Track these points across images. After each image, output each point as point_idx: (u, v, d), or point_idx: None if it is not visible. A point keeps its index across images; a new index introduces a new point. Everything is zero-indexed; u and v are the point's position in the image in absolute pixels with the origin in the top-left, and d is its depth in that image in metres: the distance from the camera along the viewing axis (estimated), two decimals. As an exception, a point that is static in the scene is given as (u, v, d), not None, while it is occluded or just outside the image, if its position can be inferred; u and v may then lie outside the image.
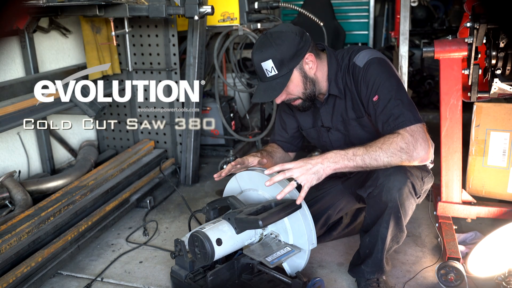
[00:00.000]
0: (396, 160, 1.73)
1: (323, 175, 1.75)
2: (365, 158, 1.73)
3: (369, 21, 5.32)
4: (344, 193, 2.20)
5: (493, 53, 1.94)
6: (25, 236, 2.19)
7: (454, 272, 1.97)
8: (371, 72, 1.86)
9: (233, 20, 3.40)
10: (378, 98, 1.83)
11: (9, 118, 2.47)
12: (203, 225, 1.86)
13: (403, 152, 1.73)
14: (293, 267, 1.95)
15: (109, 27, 3.04)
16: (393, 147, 1.72)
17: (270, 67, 1.87)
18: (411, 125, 1.76)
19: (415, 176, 1.84)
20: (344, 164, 1.75)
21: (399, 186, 1.79)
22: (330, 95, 2.01)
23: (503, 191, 2.32)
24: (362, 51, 1.94)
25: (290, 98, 1.97)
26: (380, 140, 1.76)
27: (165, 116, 3.33)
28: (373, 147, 1.74)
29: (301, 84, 1.93)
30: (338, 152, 1.77)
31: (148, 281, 2.15)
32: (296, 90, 1.93)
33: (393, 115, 1.79)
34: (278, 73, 1.87)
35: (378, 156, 1.73)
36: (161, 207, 2.94)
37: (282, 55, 1.86)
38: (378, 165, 1.75)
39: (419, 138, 1.74)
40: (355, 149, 1.76)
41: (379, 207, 1.84)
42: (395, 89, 1.82)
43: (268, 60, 1.86)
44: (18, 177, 2.83)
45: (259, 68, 1.90)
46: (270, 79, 1.89)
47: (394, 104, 1.80)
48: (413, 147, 1.73)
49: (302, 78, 1.92)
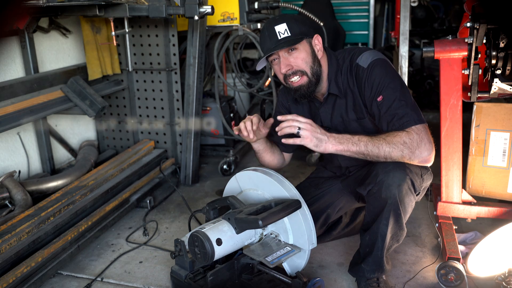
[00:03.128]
0: (397, 153, 1.76)
1: (323, 147, 1.80)
2: (368, 145, 1.78)
3: (369, 21, 5.32)
4: (343, 192, 2.20)
5: (493, 53, 1.93)
6: (25, 236, 2.19)
7: (454, 272, 1.97)
8: (376, 73, 1.87)
9: (233, 20, 3.40)
10: (382, 99, 1.84)
11: (9, 118, 2.47)
12: (203, 225, 1.86)
13: (406, 147, 1.75)
14: (293, 267, 1.95)
15: (109, 27, 3.04)
16: (397, 139, 1.76)
17: (283, 29, 1.87)
18: (416, 124, 1.78)
19: (415, 173, 1.85)
20: (347, 147, 1.80)
21: (398, 183, 1.79)
22: (330, 94, 2.00)
23: (503, 191, 2.32)
24: (365, 53, 1.94)
25: (295, 70, 1.91)
26: (386, 133, 1.81)
27: (165, 116, 3.33)
28: (378, 136, 1.79)
29: (310, 57, 1.92)
30: (345, 135, 1.82)
31: (148, 281, 2.15)
32: (304, 60, 1.91)
33: (397, 115, 1.81)
34: (290, 35, 1.88)
35: (380, 145, 1.77)
36: (161, 207, 2.94)
37: (296, 23, 1.90)
38: (379, 154, 1.78)
39: (424, 137, 1.77)
40: (360, 136, 1.81)
41: (379, 204, 1.84)
42: (399, 90, 1.84)
43: (283, 23, 1.88)
44: (18, 177, 2.83)
45: (271, 32, 1.89)
46: (282, 40, 1.88)
47: (399, 105, 1.81)
48: (416, 144, 1.75)
49: (311, 51, 1.93)
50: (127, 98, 3.38)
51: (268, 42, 1.90)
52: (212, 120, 3.66)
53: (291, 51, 1.89)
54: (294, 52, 1.90)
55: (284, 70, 1.91)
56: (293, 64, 1.90)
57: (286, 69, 1.91)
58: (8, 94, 2.60)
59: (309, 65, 1.91)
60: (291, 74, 1.92)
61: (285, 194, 1.87)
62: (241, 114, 4.03)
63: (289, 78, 1.93)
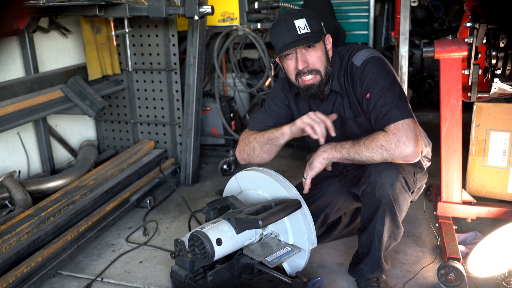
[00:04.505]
0: (377, 156, 1.78)
1: (314, 163, 1.90)
2: (350, 151, 1.82)
3: (369, 21, 5.32)
4: (342, 192, 2.19)
5: (493, 53, 1.93)
6: (25, 236, 2.19)
7: (454, 272, 1.97)
8: (367, 71, 1.88)
9: (233, 20, 3.40)
10: (370, 96, 1.85)
11: (9, 118, 2.48)
12: (203, 225, 1.86)
13: (384, 149, 1.76)
14: (293, 267, 1.95)
15: (109, 27, 3.04)
16: (374, 143, 1.77)
17: (303, 24, 1.85)
18: (396, 121, 1.76)
19: (407, 171, 1.86)
20: (332, 154, 1.87)
21: (391, 181, 1.80)
22: (332, 91, 2.00)
23: (503, 191, 2.32)
24: (361, 51, 1.94)
25: (311, 68, 1.89)
26: (366, 136, 1.81)
27: (165, 116, 3.33)
28: (358, 142, 1.82)
29: (324, 56, 1.92)
30: (331, 143, 1.89)
31: (148, 281, 2.15)
32: (320, 59, 1.90)
33: (381, 112, 1.80)
34: (310, 32, 1.86)
35: (361, 151, 1.80)
36: (161, 207, 2.94)
37: (314, 20, 1.89)
38: (362, 160, 1.81)
39: (402, 135, 1.74)
40: (344, 142, 1.86)
41: (374, 204, 1.85)
42: (386, 87, 1.83)
43: (302, 18, 1.86)
44: (18, 177, 2.83)
45: (290, 25, 1.85)
46: (302, 35, 1.85)
47: (384, 102, 1.81)
48: (394, 145, 1.74)
49: (325, 51, 1.93)
50: (127, 98, 3.38)
51: (287, 36, 1.86)
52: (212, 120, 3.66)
53: (309, 48, 1.88)
54: (311, 50, 1.88)
55: (301, 67, 1.88)
56: (310, 62, 1.89)
57: (304, 66, 1.88)
58: (8, 94, 2.60)
59: (324, 64, 1.91)
60: (306, 72, 1.90)
61: (285, 194, 1.87)
62: (241, 114, 4.03)
63: (303, 76, 1.90)
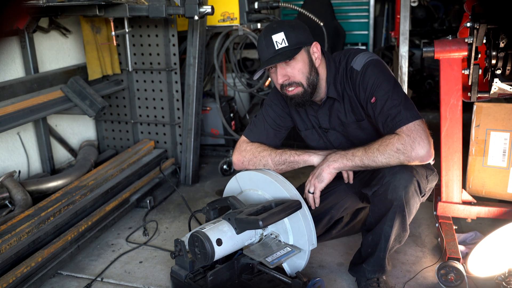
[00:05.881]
0: (394, 161, 1.77)
1: (323, 175, 1.87)
2: (364, 159, 1.81)
3: (369, 21, 5.32)
4: (348, 193, 2.18)
5: (493, 53, 1.93)
6: (25, 236, 2.19)
7: (454, 272, 1.97)
8: (368, 75, 1.88)
9: (233, 20, 3.40)
10: (375, 100, 1.85)
11: (9, 118, 2.48)
12: (203, 225, 1.86)
13: (400, 153, 1.75)
14: (293, 267, 1.95)
15: (109, 27, 3.04)
16: (390, 148, 1.76)
17: (281, 39, 1.86)
18: (408, 123, 1.77)
19: (421, 174, 1.85)
20: (343, 163, 1.84)
21: (405, 184, 1.79)
22: (328, 98, 2.00)
23: (503, 191, 2.32)
24: (359, 55, 1.94)
25: (291, 81, 1.90)
26: (378, 141, 1.79)
27: (165, 116, 3.33)
28: (371, 148, 1.79)
29: (307, 67, 1.90)
30: (338, 151, 1.87)
31: (148, 281, 2.15)
32: (300, 71, 1.89)
33: (390, 115, 1.80)
34: (288, 46, 1.86)
35: (376, 158, 1.78)
36: (161, 207, 2.94)
37: (294, 32, 1.88)
38: (377, 166, 1.80)
39: (416, 137, 1.75)
40: (354, 150, 1.84)
41: (384, 205, 1.84)
42: (391, 90, 1.84)
43: (280, 32, 1.86)
44: (18, 177, 2.83)
45: (268, 41, 1.87)
46: (279, 50, 1.86)
47: (391, 105, 1.81)
48: (410, 147, 1.74)
49: (308, 61, 1.91)
50: (127, 98, 3.38)
51: (266, 52, 1.89)
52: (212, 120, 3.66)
53: (289, 60, 1.88)
54: (292, 62, 1.88)
55: (281, 81, 1.92)
56: (290, 75, 1.90)
57: (283, 80, 1.91)
58: (8, 94, 2.60)
59: (306, 75, 1.91)
60: (287, 85, 1.92)
61: (285, 194, 1.87)
62: (241, 114, 4.03)
63: (286, 88, 1.94)
